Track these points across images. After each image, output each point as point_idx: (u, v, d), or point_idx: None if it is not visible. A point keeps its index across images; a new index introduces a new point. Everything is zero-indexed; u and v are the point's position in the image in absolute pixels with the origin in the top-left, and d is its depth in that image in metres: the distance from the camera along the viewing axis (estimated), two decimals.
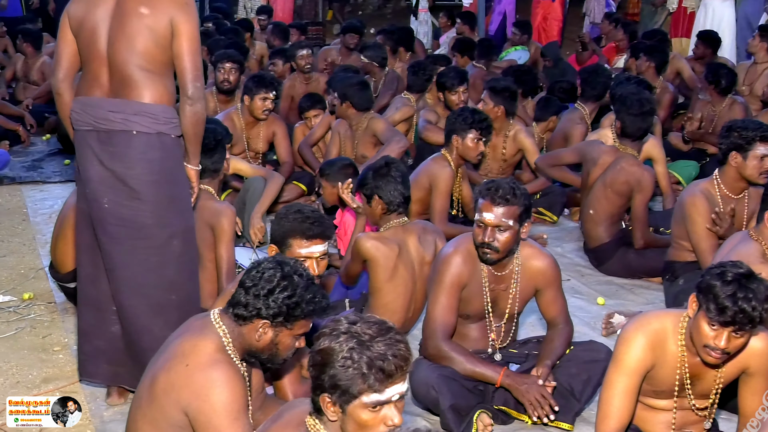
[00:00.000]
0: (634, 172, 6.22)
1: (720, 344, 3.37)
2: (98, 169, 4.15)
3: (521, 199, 4.20)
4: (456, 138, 6.29)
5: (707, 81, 8.46)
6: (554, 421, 4.30)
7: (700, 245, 5.42)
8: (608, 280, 6.45)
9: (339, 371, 2.63)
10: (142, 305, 4.26)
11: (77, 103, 4.23)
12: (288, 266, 3.22)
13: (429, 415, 4.43)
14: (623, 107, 6.41)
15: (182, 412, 3.13)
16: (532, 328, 5.42)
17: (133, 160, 4.12)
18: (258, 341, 3.21)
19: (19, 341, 5.23)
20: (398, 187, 4.91)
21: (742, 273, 3.34)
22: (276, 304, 3.15)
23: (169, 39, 4.10)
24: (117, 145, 4.12)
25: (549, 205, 7.58)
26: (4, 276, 6.25)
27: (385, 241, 4.91)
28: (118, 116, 4.10)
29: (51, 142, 10.40)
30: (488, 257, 4.26)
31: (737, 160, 5.37)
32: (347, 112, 7.50)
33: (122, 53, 4.09)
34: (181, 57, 4.13)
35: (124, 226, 4.17)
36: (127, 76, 4.11)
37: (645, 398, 3.74)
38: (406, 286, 4.94)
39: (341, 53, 11.35)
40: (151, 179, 4.15)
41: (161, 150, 4.16)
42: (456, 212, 6.79)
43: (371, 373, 2.62)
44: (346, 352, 2.63)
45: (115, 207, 4.15)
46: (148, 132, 4.10)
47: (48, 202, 8.00)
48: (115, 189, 4.14)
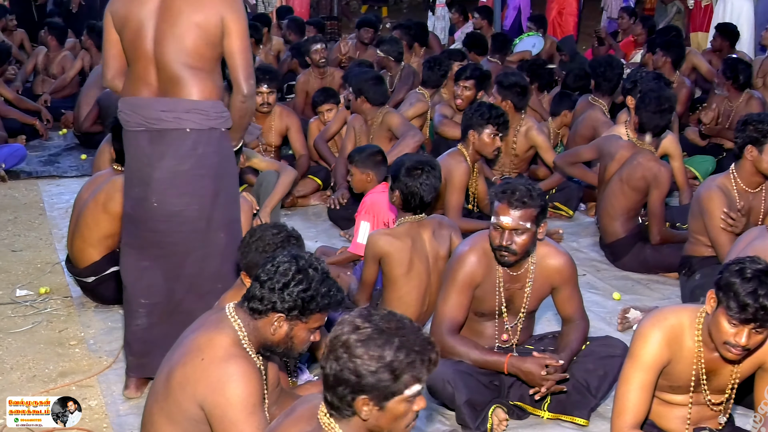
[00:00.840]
0: (651, 168, 6.19)
1: (741, 341, 3.35)
2: (148, 170, 4.19)
3: (538, 201, 4.18)
4: (472, 133, 6.29)
5: (725, 76, 8.40)
6: (569, 416, 4.31)
7: (719, 239, 5.39)
8: (624, 276, 6.43)
9: (378, 373, 2.59)
10: (191, 295, 4.33)
11: (125, 104, 4.24)
12: (303, 260, 3.21)
13: (444, 409, 4.43)
14: (642, 103, 6.38)
15: (198, 406, 3.14)
16: (548, 323, 5.41)
17: (185, 157, 4.16)
18: (273, 335, 3.21)
19: (36, 335, 5.26)
20: (422, 189, 4.87)
21: (762, 269, 3.31)
22: (291, 298, 3.15)
23: (219, 37, 4.15)
24: (170, 143, 4.16)
25: (565, 199, 7.57)
26: (20, 270, 6.28)
27: (398, 235, 4.91)
28: (170, 115, 4.13)
29: (68, 137, 10.45)
30: (506, 260, 4.26)
31: (753, 154, 5.36)
32: (362, 106, 7.49)
33: (171, 52, 4.12)
34: (234, 55, 4.19)
35: (172, 221, 4.22)
36: (176, 75, 4.13)
37: (661, 393, 3.73)
38: (420, 280, 4.94)
39: (357, 47, 11.34)
40: (200, 173, 4.20)
41: (211, 145, 4.21)
42: (471, 207, 6.77)
43: (420, 365, 2.62)
44: (386, 353, 2.60)
45: (163, 205, 4.20)
46: (200, 128, 4.14)
47: (65, 196, 8.02)
48: (165, 187, 4.18)
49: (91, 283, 5.58)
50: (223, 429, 3.10)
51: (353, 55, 10.98)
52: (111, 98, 8.91)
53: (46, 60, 11.61)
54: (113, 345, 5.11)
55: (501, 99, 7.43)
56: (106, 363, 4.91)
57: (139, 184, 4.25)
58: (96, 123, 9.47)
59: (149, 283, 4.38)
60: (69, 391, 4.59)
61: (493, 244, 4.24)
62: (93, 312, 5.58)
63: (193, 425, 3.18)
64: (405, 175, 4.88)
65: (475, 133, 6.27)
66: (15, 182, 8.59)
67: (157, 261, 4.35)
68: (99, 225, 5.47)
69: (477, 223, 6.28)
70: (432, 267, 4.99)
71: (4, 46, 10.46)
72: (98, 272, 5.54)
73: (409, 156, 5.19)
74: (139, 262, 4.38)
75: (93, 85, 9.73)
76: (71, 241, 5.63)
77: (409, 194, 4.89)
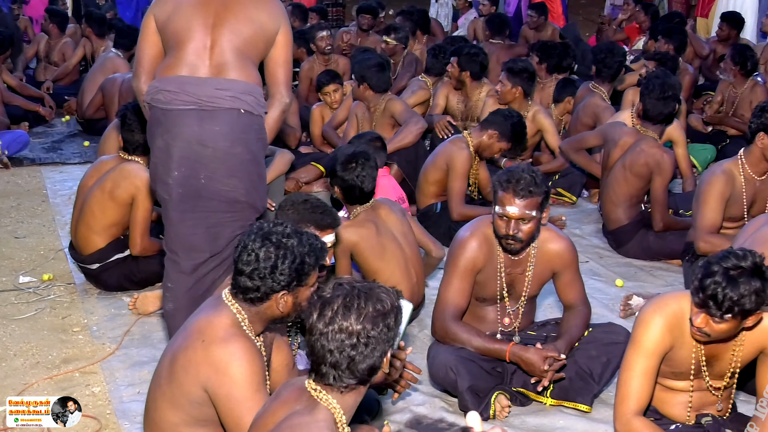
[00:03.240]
0: (654, 154, 6.18)
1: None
2: (197, 148, 4.13)
3: (542, 188, 4.18)
4: (491, 133, 6.32)
5: (733, 62, 8.40)
6: (572, 402, 4.31)
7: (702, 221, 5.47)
8: (627, 262, 6.43)
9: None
10: (225, 276, 4.29)
11: (169, 82, 4.15)
12: (273, 234, 3.23)
13: (447, 396, 4.44)
14: (646, 90, 6.37)
15: (202, 388, 3.14)
16: (550, 309, 5.42)
17: (237, 140, 4.14)
18: (282, 310, 3.25)
19: (39, 322, 5.27)
20: (359, 180, 4.97)
21: (738, 265, 3.32)
22: (285, 275, 3.18)
23: (272, 40, 4.22)
24: (221, 123, 4.12)
25: (568, 185, 7.57)
26: (24, 257, 6.29)
27: (359, 224, 4.98)
28: (226, 94, 4.10)
29: (71, 124, 10.44)
30: (513, 248, 4.27)
31: (764, 141, 5.38)
32: (365, 93, 7.49)
33: (228, 37, 4.13)
34: (279, 66, 4.29)
35: (217, 200, 4.19)
36: (229, 59, 4.14)
37: (663, 380, 3.74)
38: (397, 258, 4.98)
39: (359, 34, 11.33)
40: (249, 158, 4.19)
41: (258, 131, 4.22)
42: (473, 194, 6.77)
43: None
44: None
45: (210, 183, 4.15)
46: (252, 112, 4.15)
47: (68, 183, 8.03)
48: (213, 166, 4.14)
49: (95, 270, 5.59)
50: (229, 408, 3.11)
51: (355, 42, 10.96)
52: (115, 85, 8.94)
53: (47, 47, 11.62)
54: (116, 332, 5.13)
55: (511, 86, 7.43)
56: (110, 349, 4.92)
57: (183, 162, 4.15)
58: (99, 109, 9.46)
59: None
60: (72, 378, 4.61)
61: (498, 233, 4.24)
62: (96, 299, 5.59)
63: (196, 409, 3.19)
64: (341, 170, 4.99)
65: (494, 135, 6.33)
66: (18, 169, 8.58)
67: (193, 242, 4.28)
68: (105, 213, 5.48)
69: (480, 209, 6.28)
70: (403, 241, 5.05)
71: (5, 33, 10.45)
72: (103, 259, 5.55)
73: (341, 150, 5.25)
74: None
75: (97, 72, 9.72)
76: (75, 228, 5.64)
77: (348, 188, 4.99)
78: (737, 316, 3.35)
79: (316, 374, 2.70)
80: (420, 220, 6.70)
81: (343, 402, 2.70)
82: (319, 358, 2.66)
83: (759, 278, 3.30)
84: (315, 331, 2.65)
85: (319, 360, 2.66)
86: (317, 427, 2.62)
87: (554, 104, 8.46)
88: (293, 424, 2.66)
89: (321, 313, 2.65)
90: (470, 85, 8.23)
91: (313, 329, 2.66)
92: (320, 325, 2.64)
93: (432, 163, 6.54)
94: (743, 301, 3.29)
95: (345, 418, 2.70)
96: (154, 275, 5.49)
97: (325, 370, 2.66)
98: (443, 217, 6.50)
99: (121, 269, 5.59)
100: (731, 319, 3.35)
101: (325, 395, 2.69)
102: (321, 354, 2.65)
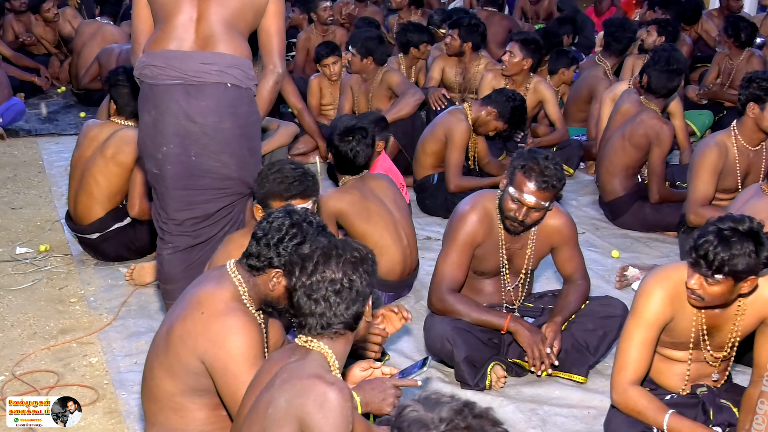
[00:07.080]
0: (654, 125, 6.18)
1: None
2: (185, 123, 4.10)
3: (563, 182, 4.21)
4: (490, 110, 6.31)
5: (726, 34, 8.37)
6: (568, 373, 4.33)
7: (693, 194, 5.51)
8: (623, 234, 6.45)
9: None
10: (213, 252, 4.30)
11: (155, 57, 4.12)
12: (297, 215, 3.21)
13: (444, 367, 4.45)
14: (652, 62, 6.36)
15: (198, 359, 3.14)
16: (548, 281, 5.43)
17: (225, 114, 4.11)
18: (272, 291, 3.21)
19: (36, 293, 5.27)
20: (352, 153, 5.04)
21: (734, 227, 3.32)
22: (286, 252, 3.15)
23: (262, 10, 4.18)
24: (208, 98, 4.09)
25: (566, 158, 7.53)
26: (20, 228, 6.29)
27: (345, 191, 5.05)
28: (212, 68, 4.07)
29: (66, 95, 10.41)
30: (515, 230, 4.29)
31: (755, 111, 5.37)
32: (368, 67, 7.48)
33: (215, 9, 4.10)
34: (272, 36, 4.25)
35: (210, 177, 4.18)
36: (216, 31, 4.10)
37: (662, 349, 3.74)
38: (385, 220, 5.03)
39: (357, 5, 11.28)
40: (239, 132, 4.16)
41: (248, 104, 4.19)
42: (471, 165, 6.76)
43: None
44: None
45: (201, 159, 4.14)
46: (239, 86, 4.12)
47: (64, 154, 8.00)
48: (203, 142, 4.12)
49: (95, 239, 5.59)
50: (225, 382, 3.11)
51: (353, 13, 10.91)
52: (112, 55, 8.91)
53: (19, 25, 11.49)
54: (113, 302, 5.14)
55: (522, 57, 7.37)
56: (107, 320, 4.93)
57: (173, 139, 4.14)
58: (95, 80, 9.42)
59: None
60: (69, 348, 4.62)
61: (506, 213, 4.24)
62: (93, 269, 5.60)
63: (193, 378, 3.19)
64: (338, 140, 5.06)
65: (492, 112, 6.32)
66: (14, 140, 8.58)
67: (186, 217, 4.29)
68: (109, 180, 5.48)
69: (478, 180, 6.29)
70: (392, 206, 5.09)
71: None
72: (102, 229, 5.56)
73: (344, 120, 5.32)
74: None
75: (91, 41, 9.67)
76: (75, 199, 5.62)
77: (341, 158, 5.06)
78: (728, 277, 3.34)
79: (305, 328, 2.78)
80: (417, 192, 6.71)
81: (334, 347, 2.77)
82: (306, 311, 2.74)
83: (753, 241, 3.30)
84: (299, 285, 2.74)
85: (307, 312, 2.74)
86: (312, 366, 2.69)
87: (549, 76, 8.44)
88: (288, 368, 2.72)
89: (303, 267, 2.74)
90: (469, 56, 8.19)
91: (297, 285, 2.75)
92: (304, 278, 2.73)
93: (430, 134, 6.53)
94: (735, 261, 3.28)
95: (338, 363, 2.77)
96: (151, 243, 5.47)
97: (314, 321, 2.74)
98: (440, 188, 6.50)
99: (120, 238, 5.60)
100: (723, 281, 3.35)
101: (316, 342, 2.76)
102: (308, 306, 2.74)
